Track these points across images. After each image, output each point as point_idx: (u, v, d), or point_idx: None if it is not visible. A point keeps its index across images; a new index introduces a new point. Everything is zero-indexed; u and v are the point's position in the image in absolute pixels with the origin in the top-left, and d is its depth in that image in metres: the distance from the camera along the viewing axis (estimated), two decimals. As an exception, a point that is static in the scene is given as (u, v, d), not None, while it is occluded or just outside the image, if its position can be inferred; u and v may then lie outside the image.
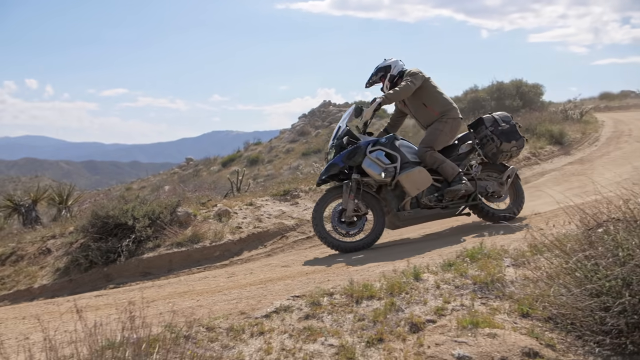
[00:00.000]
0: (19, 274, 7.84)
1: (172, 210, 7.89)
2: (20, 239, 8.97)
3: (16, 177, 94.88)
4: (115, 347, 2.24)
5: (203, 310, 3.77)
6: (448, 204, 6.14)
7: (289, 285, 4.44)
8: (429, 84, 6.28)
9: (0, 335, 3.95)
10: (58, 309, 4.89)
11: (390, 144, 6.08)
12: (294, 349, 2.85)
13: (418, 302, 3.25)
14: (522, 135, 6.34)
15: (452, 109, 6.28)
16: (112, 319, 2.54)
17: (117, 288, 6.58)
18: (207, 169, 32.33)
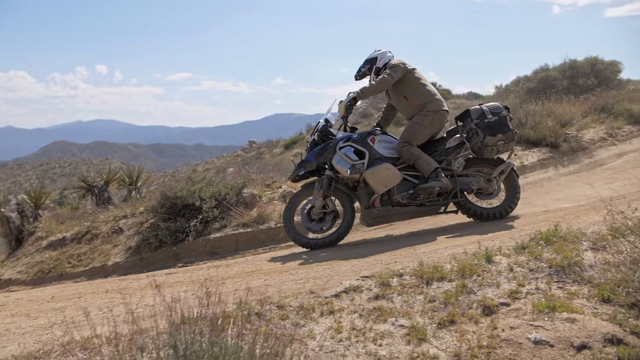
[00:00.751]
0: (94, 252, 8.16)
1: (237, 191, 8.02)
2: (94, 219, 9.34)
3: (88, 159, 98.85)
4: (192, 321, 2.28)
5: (272, 289, 3.81)
6: (424, 201, 5.88)
7: (356, 266, 4.43)
8: (411, 75, 6.04)
9: (85, 308, 4.13)
10: (138, 284, 5.08)
11: (361, 140, 5.99)
12: (364, 328, 2.84)
13: (490, 285, 3.18)
14: (510, 128, 5.82)
15: (432, 101, 5.98)
16: (189, 295, 2.59)
17: (186, 267, 6.75)
18: (269, 152, 32.62)
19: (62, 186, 51.44)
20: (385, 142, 6.05)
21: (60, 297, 5.01)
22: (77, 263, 8.12)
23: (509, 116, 5.89)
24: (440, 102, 6.00)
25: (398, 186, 5.85)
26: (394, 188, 5.84)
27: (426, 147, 6.02)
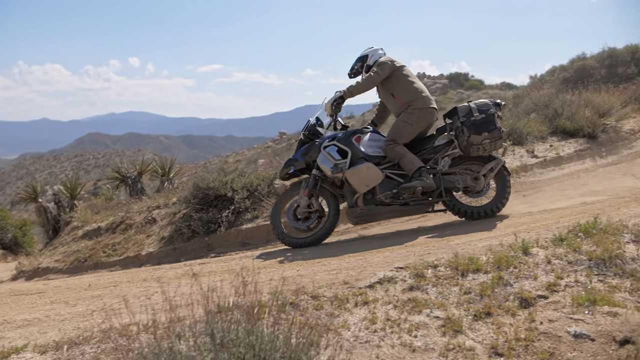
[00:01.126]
0: (128, 242, 8.29)
1: (269, 182, 8.04)
2: (128, 209, 9.48)
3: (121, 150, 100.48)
4: (228, 310, 2.29)
5: (305, 280, 3.81)
6: (408, 200, 5.79)
7: (388, 257, 4.40)
8: (399, 73, 5.94)
9: (118, 296, 4.20)
10: (175, 273, 5.14)
11: (344, 139, 5.93)
12: (399, 319, 2.82)
13: (528, 277, 3.12)
14: (497, 126, 5.61)
15: (419, 98, 5.86)
16: (225, 284, 2.61)
17: (218, 257, 6.80)
18: (299, 144, 32.70)
19: (96, 177, 52.44)
20: (373, 141, 6.00)
21: (96, 286, 5.10)
22: (111, 252, 8.26)
23: (497, 114, 5.72)
24: (427, 100, 5.90)
25: (382, 185, 5.80)
26: (377, 187, 5.80)
27: (415, 145, 5.93)
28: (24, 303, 4.59)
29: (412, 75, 6.04)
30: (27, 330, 3.40)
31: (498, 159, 5.82)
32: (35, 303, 4.50)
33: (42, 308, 4.20)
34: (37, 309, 4.16)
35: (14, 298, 4.95)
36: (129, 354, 2.04)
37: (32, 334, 3.24)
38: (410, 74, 6.00)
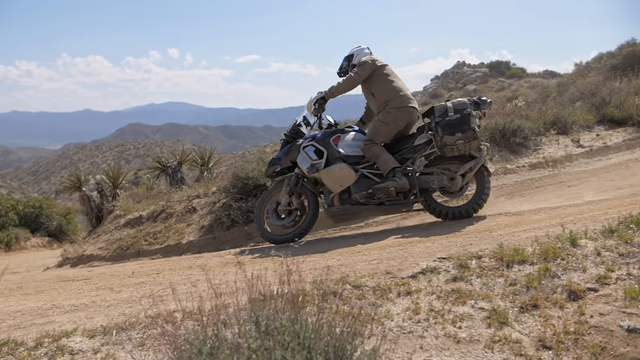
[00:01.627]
0: (169, 230, 8.40)
1: (307, 172, 8.04)
2: (169, 198, 9.61)
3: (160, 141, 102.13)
4: (272, 298, 2.29)
5: (346, 269, 3.80)
6: (383, 200, 5.80)
7: (429, 247, 4.35)
8: (380, 72, 5.95)
9: (161, 284, 4.26)
10: (219, 261, 5.19)
11: (322, 139, 6.02)
12: (442, 310, 2.79)
13: (576, 269, 3.04)
14: (471, 127, 5.49)
15: (396, 97, 5.83)
16: (269, 273, 2.61)
17: (257, 246, 6.83)
18: (338, 133, 32.63)
19: (137, 167, 53.40)
20: (355, 140, 6.04)
21: (139, 273, 5.18)
22: (153, 241, 8.39)
23: (474, 114, 5.59)
24: (405, 99, 5.86)
25: (358, 185, 5.84)
26: (353, 187, 5.84)
27: (395, 144, 5.94)
28: (71, 289, 4.70)
29: (393, 74, 6.03)
30: (75, 315, 3.48)
31: (478, 159, 5.69)
32: (82, 289, 4.60)
33: (88, 294, 4.29)
34: (84, 295, 4.26)
35: (62, 284, 5.08)
36: (175, 340, 2.06)
37: (80, 318, 3.31)
38: (390, 73, 6.00)
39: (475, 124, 5.55)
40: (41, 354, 2.61)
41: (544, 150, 8.07)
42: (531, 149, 8.14)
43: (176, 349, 2.02)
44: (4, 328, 3.20)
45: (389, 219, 6.70)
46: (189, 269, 5.00)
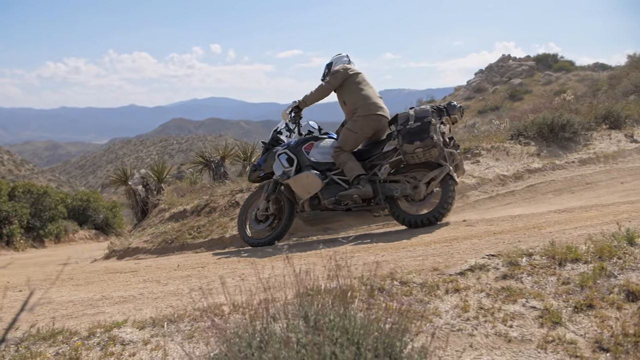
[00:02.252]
0: (212, 224, 8.48)
1: (351, 167, 8.00)
2: (212, 193, 9.71)
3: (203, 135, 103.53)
4: (321, 293, 2.28)
5: (390, 265, 3.76)
6: (351, 206, 5.96)
7: (476, 244, 4.27)
8: (351, 80, 6.06)
9: (209, 277, 4.30)
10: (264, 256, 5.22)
11: (295, 147, 6.25)
12: (492, 308, 2.73)
13: (634, 269, 2.93)
14: (429, 135, 5.44)
15: (363, 105, 5.93)
16: (318, 267, 2.60)
17: (300, 240, 6.84)
18: (379, 128, 32.48)
19: (180, 161, 54.29)
20: (326, 148, 6.18)
21: (185, 266, 5.25)
22: (197, 234, 8.48)
23: (435, 122, 5.56)
24: (373, 107, 5.95)
25: (328, 191, 5.99)
26: (323, 193, 5.99)
27: (366, 151, 6.05)
28: (119, 281, 4.79)
29: (365, 82, 6.10)
30: (123, 306, 3.54)
31: (442, 167, 5.66)
32: (130, 281, 4.68)
33: (136, 286, 4.36)
34: (132, 287, 4.33)
35: (110, 275, 5.18)
36: (224, 333, 2.06)
37: (129, 310, 3.37)
38: (362, 81, 6.09)
39: (436, 132, 5.51)
40: (94, 343, 2.66)
41: (594, 146, 7.84)
42: (581, 144, 7.93)
43: (225, 341, 2.02)
44: (57, 317, 3.28)
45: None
46: (233, 263, 5.03)
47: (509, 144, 8.10)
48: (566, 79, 30.71)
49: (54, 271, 6.92)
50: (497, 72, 35.85)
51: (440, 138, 5.52)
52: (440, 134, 5.56)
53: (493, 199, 7.01)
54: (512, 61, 36.53)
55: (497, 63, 37.46)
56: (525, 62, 35.27)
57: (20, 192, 16.45)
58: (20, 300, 4.25)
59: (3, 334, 1.26)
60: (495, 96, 30.14)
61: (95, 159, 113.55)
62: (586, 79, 26.18)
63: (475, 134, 10.27)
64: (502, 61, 37.27)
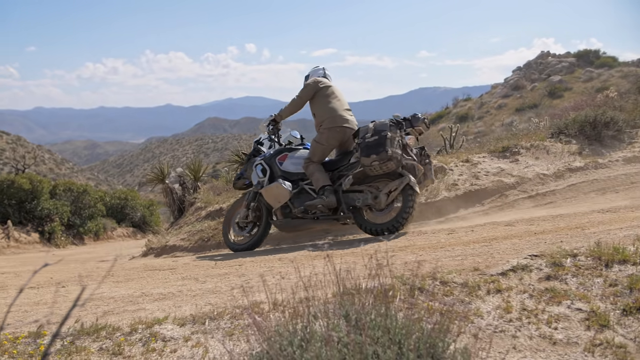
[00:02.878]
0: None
1: (387, 166, 7.95)
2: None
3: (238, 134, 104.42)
4: (361, 292, 2.26)
5: (429, 265, 3.71)
6: (318, 215, 6.18)
7: (517, 244, 4.19)
8: (321, 93, 6.27)
9: (246, 275, 4.31)
10: (308, 254, 5.22)
11: (269, 158, 6.55)
12: (536, 309, 2.67)
13: (685, 270, 2.83)
14: (385, 149, 5.57)
15: (328, 118, 6.15)
16: (359, 266, 2.58)
17: (337, 239, 6.82)
18: (414, 127, 32.24)
19: (215, 160, 54.85)
20: (299, 159, 6.43)
21: (222, 264, 5.28)
22: (233, 233, 8.54)
23: (391, 135, 5.67)
24: (338, 119, 6.14)
25: (299, 200, 6.24)
26: (294, 202, 6.24)
27: (335, 161, 6.30)
28: (158, 278, 4.85)
29: (333, 95, 6.30)
30: (163, 303, 3.57)
31: (402, 178, 5.79)
32: (168, 278, 4.73)
33: (174, 283, 4.41)
34: (170, 284, 4.37)
35: (149, 273, 5.25)
36: (264, 331, 2.06)
37: (168, 306, 3.39)
38: (331, 94, 6.29)
39: (392, 146, 5.64)
40: (136, 339, 2.68)
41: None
42: (625, 142, 7.73)
43: (267, 339, 2.02)
44: (99, 313, 3.33)
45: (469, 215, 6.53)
46: (270, 261, 5.04)
47: (549, 142, 7.95)
48: (608, 75, 29.99)
49: (95, 268, 7.04)
50: (536, 69, 35.22)
51: (398, 151, 5.68)
52: (399, 146, 5.73)
53: (532, 199, 6.89)
54: (552, 58, 35.87)
55: (536, 60, 36.81)
56: (565, 58, 34.59)
57: (61, 190, 16.81)
58: (64, 295, 4.33)
59: (57, 329, 1.29)
60: (533, 94, 29.64)
61: (132, 157, 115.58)
62: (630, 75, 25.53)
63: (514, 132, 10.10)
64: (540, 58, 36.61)
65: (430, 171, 6.18)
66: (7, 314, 1.33)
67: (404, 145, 5.83)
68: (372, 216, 6.10)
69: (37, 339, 2.78)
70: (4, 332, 2.98)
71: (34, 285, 4.92)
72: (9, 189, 14.55)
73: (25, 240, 14.16)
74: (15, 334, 2.86)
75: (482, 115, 30.39)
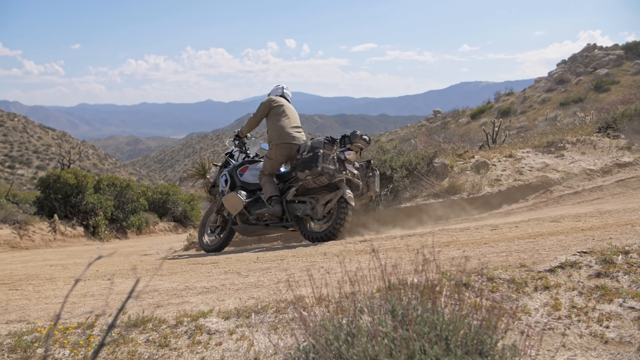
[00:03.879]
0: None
1: (428, 161, 7.89)
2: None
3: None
4: (405, 287, 2.24)
5: (473, 261, 3.66)
6: (268, 222, 6.83)
7: (563, 241, 4.10)
8: (274, 112, 6.87)
9: (288, 269, 4.33)
10: (354, 248, 5.23)
11: (232, 169, 7.26)
12: (586, 307, 2.60)
13: None
14: (316, 165, 6.11)
15: (277, 135, 6.74)
16: (405, 261, 2.56)
17: (377, 235, 6.79)
18: (455, 121, 31.86)
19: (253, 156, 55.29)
20: (257, 171, 7.05)
21: (264, 259, 5.31)
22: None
23: (322, 152, 6.15)
24: (284, 136, 6.73)
25: (253, 208, 6.90)
26: (250, 209, 6.91)
27: (286, 174, 6.88)
28: (201, 271, 4.91)
29: (284, 114, 6.88)
30: (206, 296, 3.61)
31: (338, 191, 6.31)
32: (211, 272, 4.78)
33: (217, 277, 4.45)
34: (213, 278, 4.42)
35: (192, 266, 5.32)
36: (310, 325, 2.06)
37: (212, 300, 3.43)
38: (282, 112, 6.88)
39: (325, 162, 6.16)
40: (181, 332, 2.72)
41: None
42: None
43: (313, 334, 2.02)
44: (144, 306, 3.38)
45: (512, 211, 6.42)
46: (312, 256, 5.05)
47: (596, 137, 7.75)
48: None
49: (138, 261, 7.18)
50: (582, 62, 34.32)
51: (331, 166, 6.19)
52: (333, 162, 6.24)
53: (578, 195, 6.74)
54: (598, 50, 34.90)
55: (582, 53, 35.87)
56: (612, 51, 33.59)
57: (104, 185, 17.15)
58: (109, 288, 4.43)
59: (112, 320, 1.32)
60: (578, 87, 28.93)
61: (173, 153, 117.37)
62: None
63: (558, 126, 9.88)
64: (586, 51, 35.66)
65: (374, 183, 6.65)
66: (64, 304, 1.35)
67: (342, 161, 6.36)
68: (311, 225, 6.72)
69: (87, 330, 2.85)
70: (52, 323, 3.06)
71: (81, 278, 5.03)
72: (55, 183, 14.91)
73: (71, 234, 14.51)
74: (65, 325, 2.93)
75: (525, 109, 29.81)
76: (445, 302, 2.40)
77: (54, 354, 2.57)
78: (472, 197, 7.08)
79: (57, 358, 2.54)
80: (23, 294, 4.48)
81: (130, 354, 2.52)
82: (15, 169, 62.88)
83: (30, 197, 15.82)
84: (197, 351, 2.54)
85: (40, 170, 58.02)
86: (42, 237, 13.40)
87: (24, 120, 73.99)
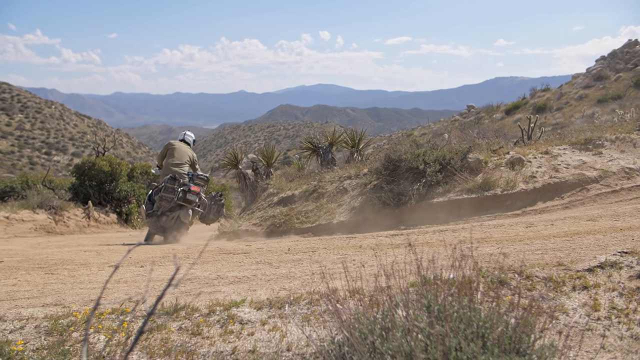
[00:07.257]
0: (320, 210, 8.56)
1: (462, 156, 7.79)
2: (320, 179, 9.79)
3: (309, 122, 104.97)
4: (438, 283, 2.20)
5: (509, 259, 3.60)
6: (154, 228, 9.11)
7: (600, 240, 4.01)
8: (168, 153, 9.24)
9: (319, 262, 4.32)
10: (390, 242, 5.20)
11: (153, 189, 9.28)
12: (627, 309, 2.54)
13: None
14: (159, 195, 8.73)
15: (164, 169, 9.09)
16: (441, 257, 2.52)
17: (409, 230, 6.74)
18: (489, 117, 31.40)
19: (286, 147, 55.37)
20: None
21: (295, 250, 5.31)
22: (304, 219, 8.60)
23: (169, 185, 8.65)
24: (166, 170, 8.97)
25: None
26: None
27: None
28: (232, 261, 4.93)
29: (172, 154, 9.19)
30: (238, 286, 3.62)
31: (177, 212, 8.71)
32: (243, 262, 4.80)
33: (249, 267, 4.47)
34: (245, 268, 4.44)
35: (224, 256, 5.35)
36: (344, 319, 2.04)
37: (244, 290, 3.44)
38: (172, 153, 9.21)
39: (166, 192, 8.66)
40: (214, 321, 2.73)
41: None
42: None
43: (347, 327, 2.00)
44: (177, 293, 3.41)
45: (547, 209, 6.29)
46: (343, 249, 5.04)
47: (636, 134, 7.56)
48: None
49: (170, 249, 7.26)
50: (622, 58, 33.42)
51: (170, 195, 8.64)
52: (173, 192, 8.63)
53: (617, 193, 6.58)
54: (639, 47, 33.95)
55: (622, 49, 34.92)
56: (655, 47, 32.69)
57: (138, 173, 17.36)
58: (142, 275, 4.48)
59: (152, 307, 1.32)
60: (618, 84, 28.20)
61: (205, 143, 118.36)
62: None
63: (596, 124, 9.66)
64: (627, 47, 34.71)
65: (217, 210, 9.44)
66: (103, 290, 1.36)
67: (184, 192, 8.62)
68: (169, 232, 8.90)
69: (120, 315, 2.88)
70: (87, 307, 3.10)
71: (114, 264, 5.11)
72: (90, 170, 15.16)
73: (104, 221, 14.75)
74: (100, 310, 2.97)
75: (561, 106, 29.19)
76: (481, 299, 2.36)
77: (89, 338, 2.60)
78: (506, 193, 6.97)
79: (92, 342, 2.57)
80: (59, 278, 4.56)
81: (163, 341, 2.54)
82: (52, 155, 64.19)
83: (65, 184, 16.11)
84: (230, 340, 2.55)
85: (76, 157, 59.09)
86: (77, 223, 13.65)
87: (61, 107, 75.40)
